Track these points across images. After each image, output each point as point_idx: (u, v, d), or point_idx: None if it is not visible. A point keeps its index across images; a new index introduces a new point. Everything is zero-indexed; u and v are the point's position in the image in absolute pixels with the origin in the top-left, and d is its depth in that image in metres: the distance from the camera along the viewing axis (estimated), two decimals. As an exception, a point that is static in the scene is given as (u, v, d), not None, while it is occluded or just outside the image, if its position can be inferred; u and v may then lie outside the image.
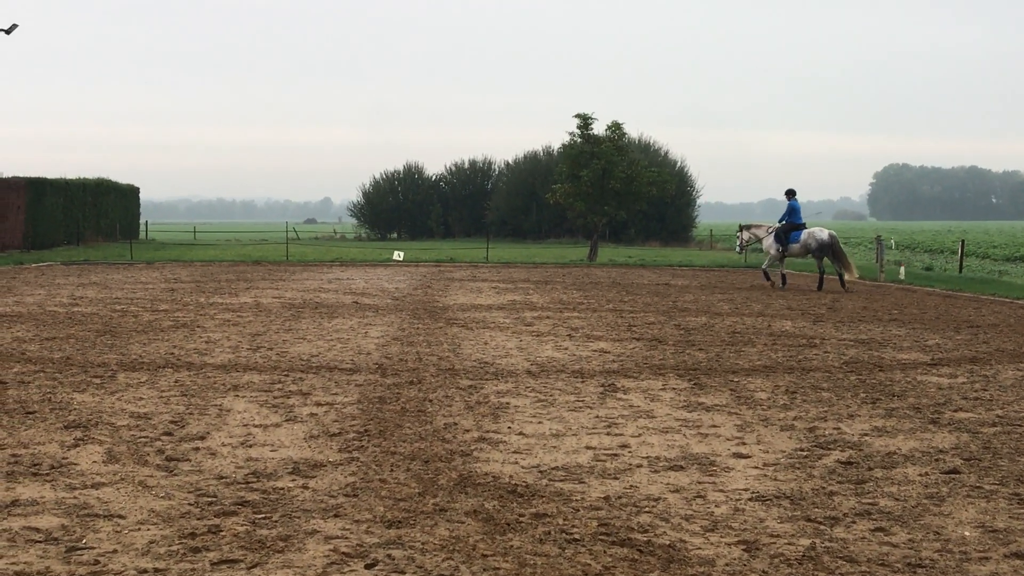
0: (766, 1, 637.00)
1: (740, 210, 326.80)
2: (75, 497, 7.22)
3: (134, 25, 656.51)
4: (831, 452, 8.83)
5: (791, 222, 28.88)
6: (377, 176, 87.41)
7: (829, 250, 28.44)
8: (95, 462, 8.23)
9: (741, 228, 31.30)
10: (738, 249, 31.36)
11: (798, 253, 29.02)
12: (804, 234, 28.66)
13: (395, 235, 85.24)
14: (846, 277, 28.41)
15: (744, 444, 9.10)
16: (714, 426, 9.87)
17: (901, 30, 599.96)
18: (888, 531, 6.69)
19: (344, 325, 18.17)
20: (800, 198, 29.87)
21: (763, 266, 30.11)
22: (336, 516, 6.83)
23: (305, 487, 7.54)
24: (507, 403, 10.87)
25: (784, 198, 29.32)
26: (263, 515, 6.84)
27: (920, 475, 8.10)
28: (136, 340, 15.85)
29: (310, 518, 6.79)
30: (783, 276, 29.36)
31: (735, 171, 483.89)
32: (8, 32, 35.63)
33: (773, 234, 29.27)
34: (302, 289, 26.87)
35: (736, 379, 12.64)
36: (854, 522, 6.85)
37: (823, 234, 28.58)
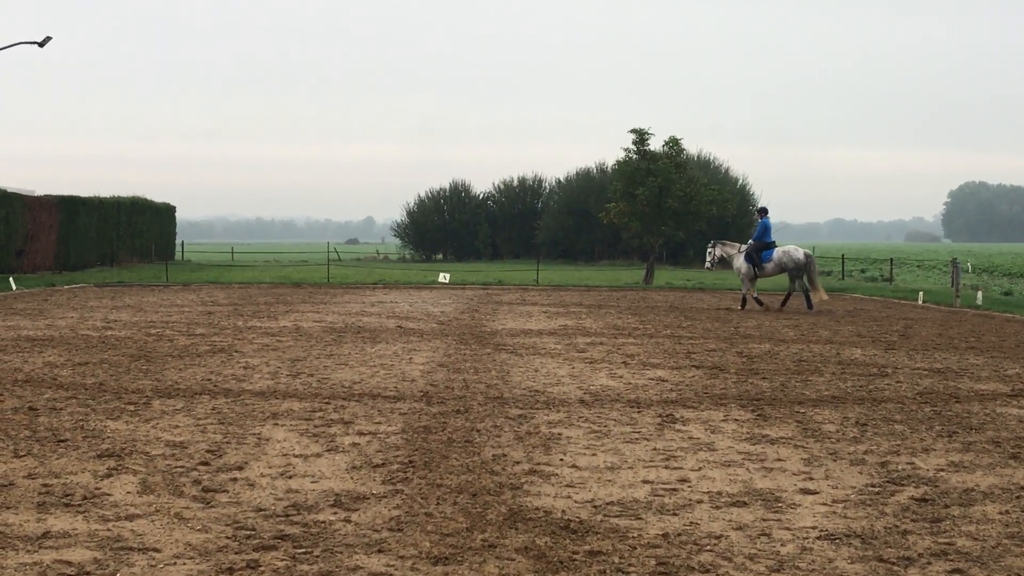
0: (832, 12, 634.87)
1: (806, 230, 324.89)
2: (108, 529, 7.29)
3: (170, 40, 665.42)
4: (904, 488, 8.73)
5: (762, 240, 29.49)
6: (422, 194, 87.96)
7: (805, 270, 29.16)
8: (129, 493, 8.31)
9: (713, 244, 31.55)
10: (707, 266, 31.58)
11: (772, 272, 29.69)
12: (778, 252, 29.32)
13: (440, 256, 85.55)
14: (813, 299, 29.11)
15: (811, 479, 9.02)
16: (779, 460, 9.79)
17: (977, 40, 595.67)
18: (966, 573, 6.60)
19: (387, 350, 18.25)
20: (870, 218, 30.33)
21: (744, 291, 30.39)
22: (380, 551, 6.85)
23: (347, 520, 7.56)
24: (559, 434, 10.85)
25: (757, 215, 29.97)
26: (303, 550, 6.87)
27: (1000, 513, 7.99)
28: (172, 365, 16.01)
29: (353, 553, 6.81)
30: (757, 298, 29.90)
31: (801, 189, 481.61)
32: (41, 45, 36.28)
33: (744, 254, 29.74)
34: (344, 313, 27.03)
35: (802, 410, 12.54)
36: (930, 563, 6.77)
37: (799, 254, 29.29)
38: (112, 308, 28.07)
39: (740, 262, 29.84)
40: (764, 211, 30.09)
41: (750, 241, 29.84)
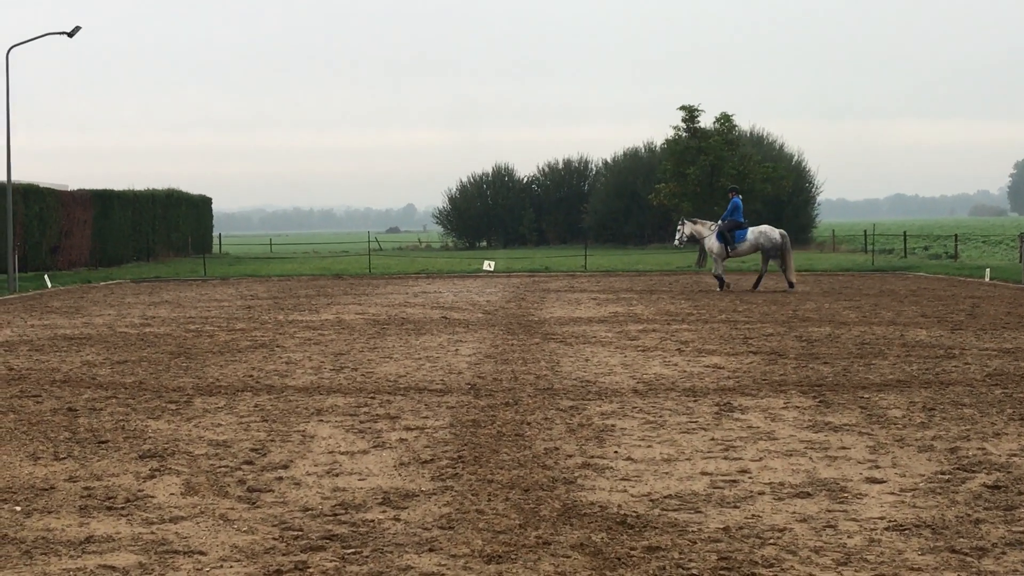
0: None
1: (865, 207, 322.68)
2: (153, 532, 7.37)
3: (203, 27, 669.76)
4: (976, 475, 8.66)
5: (733, 220, 29.95)
6: (464, 180, 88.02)
7: (780, 250, 29.64)
8: (173, 494, 8.39)
9: (683, 221, 31.78)
10: (676, 243, 32.05)
11: (745, 252, 30.34)
12: (753, 232, 29.86)
13: (484, 243, 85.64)
14: (791, 278, 29.81)
15: (878, 467, 8.96)
16: (843, 448, 9.74)
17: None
18: (1044, 563, 6.53)
19: (433, 342, 18.31)
20: (932, 192, 30.35)
21: (713, 271, 30.82)
22: (431, 550, 6.88)
23: (397, 519, 7.60)
24: (613, 425, 10.85)
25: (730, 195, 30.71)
26: (353, 550, 6.92)
27: (1079, 500, 7.90)
28: (212, 362, 16.15)
29: (403, 553, 6.85)
30: (719, 277, 30.37)
31: (859, 164, 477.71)
32: (71, 35, 36.59)
33: (716, 233, 30.08)
34: (386, 304, 27.14)
35: (866, 395, 12.46)
36: (1004, 553, 6.71)
37: (775, 233, 29.95)
38: (150, 304, 28.34)
39: (712, 241, 30.31)
40: (735, 190, 30.99)
41: (720, 220, 30.42)
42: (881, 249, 55.41)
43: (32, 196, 44.48)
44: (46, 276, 38.69)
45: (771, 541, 7.00)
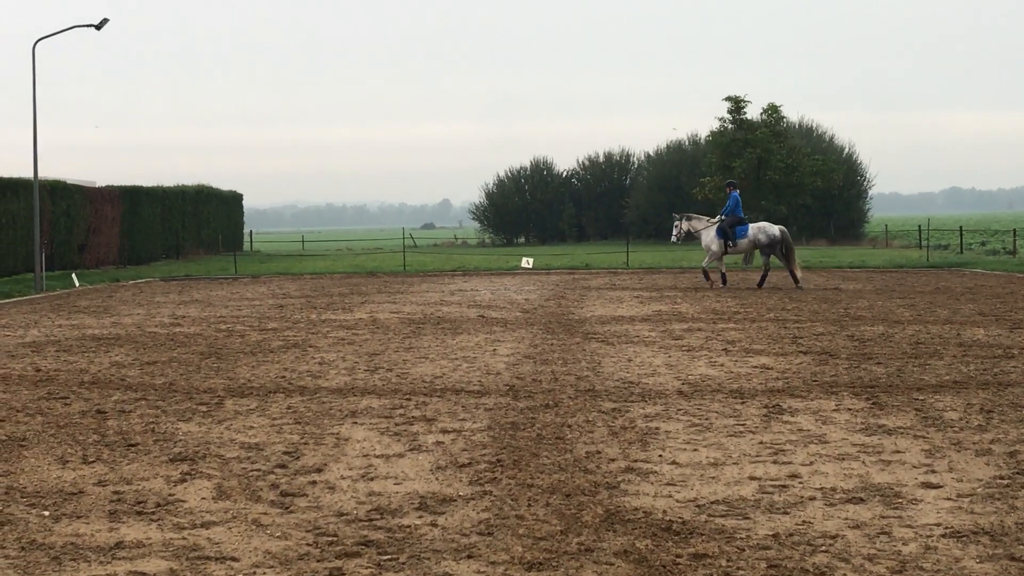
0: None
1: (919, 201, 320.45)
2: (184, 538, 7.41)
3: (233, 19, 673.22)
4: (1037, 480, 8.59)
5: (735, 215, 30.15)
6: (501, 174, 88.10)
7: (780, 246, 29.98)
8: (204, 499, 8.45)
9: (681, 218, 31.95)
10: (673, 239, 32.20)
11: (744, 249, 30.52)
12: (753, 228, 30.13)
13: (522, 239, 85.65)
14: (797, 274, 29.83)
15: (934, 472, 8.91)
16: (898, 452, 9.68)
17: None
18: (1109, 573, 6.47)
19: (470, 342, 18.33)
20: (990, 185, 30.09)
21: (703, 264, 31.29)
22: (469, 557, 6.89)
23: (434, 524, 7.61)
24: (657, 428, 10.83)
25: (727, 189, 31.17)
26: (389, 556, 6.94)
27: None
28: (244, 363, 16.23)
29: (441, 559, 6.86)
30: (723, 275, 30.62)
31: (913, 157, 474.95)
32: (99, 28, 36.87)
33: (715, 228, 30.30)
34: (422, 302, 27.19)
35: (921, 397, 12.38)
36: (1068, 562, 6.65)
37: (774, 229, 30.24)
38: (179, 303, 28.53)
39: (711, 237, 30.48)
40: (733, 184, 31.23)
41: (720, 216, 30.63)
42: (936, 245, 55.03)
43: (59, 193, 44.86)
44: (73, 275, 39.02)
45: (823, 548, 6.97)
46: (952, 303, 24.52)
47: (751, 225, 30.38)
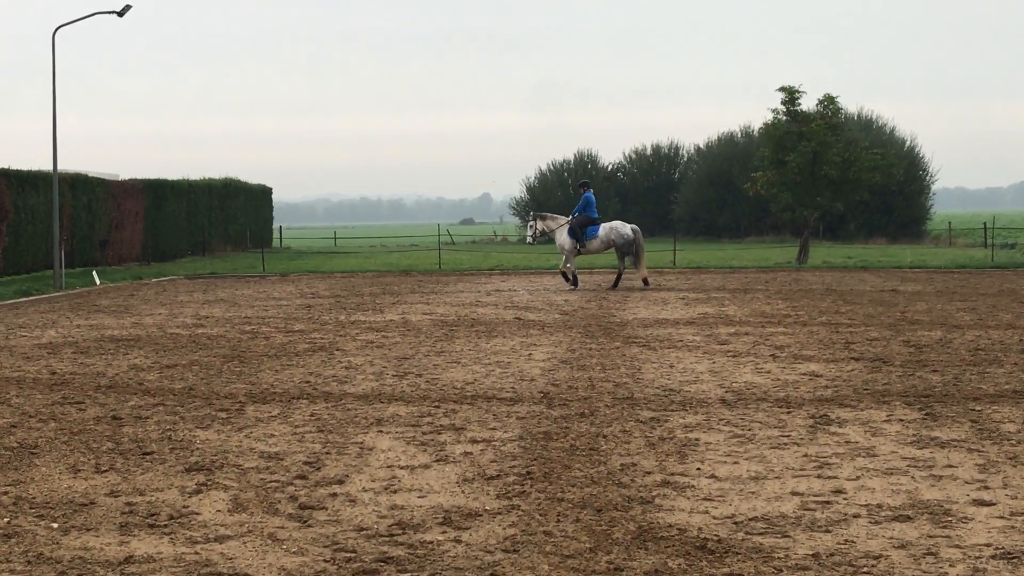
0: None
1: (987, 196, 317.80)
2: (196, 553, 7.48)
3: (262, 6, 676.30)
4: (1097, 499, 8.52)
5: (586, 215, 31.38)
6: (543, 167, 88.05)
7: (632, 246, 31.26)
8: (219, 511, 8.52)
9: (534, 217, 32.99)
10: (528, 240, 33.61)
11: (597, 249, 31.72)
12: (604, 228, 31.37)
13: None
14: (646, 275, 31.54)
15: (987, 488, 8.86)
16: (950, 466, 9.64)
17: None
18: None
19: (504, 346, 18.37)
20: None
21: (561, 267, 32.36)
22: (492, 575, 6.92)
23: (457, 541, 7.65)
24: (696, 439, 10.83)
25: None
26: (409, 574, 6.97)
27: None
28: (267, 367, 16.34)
29: (462, 578, 6.89)
30: (574, 275, 31.63)
31: (980, 150, 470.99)
32: (121, 15, 37.15)
33: (567, 228, 31.37)
34: (456, 303, 27.26)
35: (978, 407, 12.31)
36: (1125, 587, 6.60)
37: (626, 229, 31.56)
38: (203, 303, 28.72)
39: (564, 237, 31.54)
40: (587, 184, 32.80)
41: (572, 214, 31.78)
42: (1002, 243, 54.55)
43: (80, 186, 45.21)
44: (94, 272, 39.35)
45: (864, 569, 6.95)
46: (1016, 306, 24.34)
47: (603, 225, 31.61)
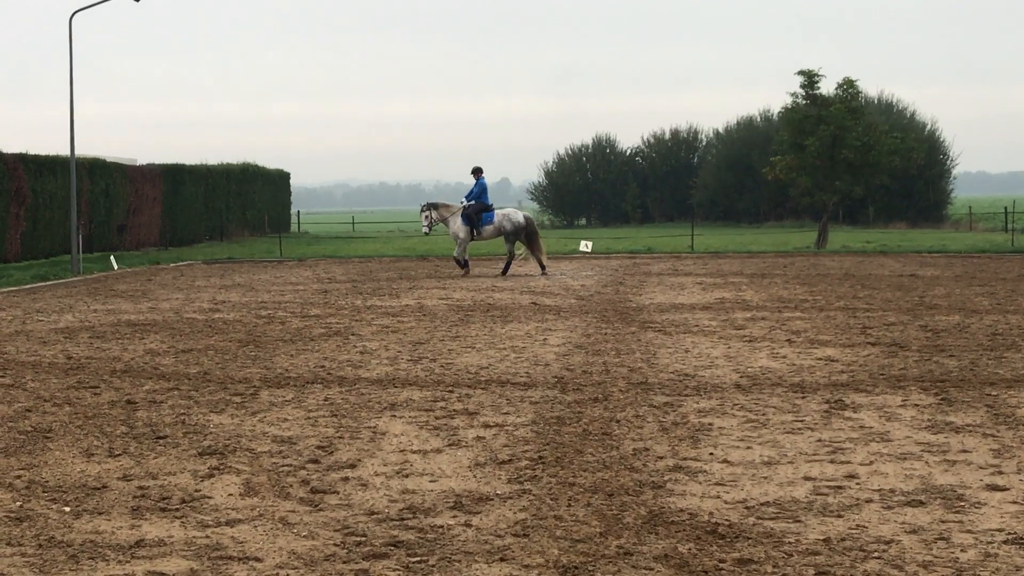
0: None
1: (1008, 180, 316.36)
2: (207, 536, 7.51)
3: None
4: (1112, 484, 8.50)
5: (481, 202, 31.91)
6: (561, 152, 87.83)
7: (523, 233, 31.80)
8: (231, 495, 8.55)
9: (428, 207, 33.35)
10: (424, 230, 33.95)
11: (489, 236, 32.19)
12: (498, 215, 31.90)
13: (583, 221, 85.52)
14: (543, 261, 31.78)
15: (1001, 473, 8.84)
16: (964, 451, 9.62)
17: None
18: None
19: (519, 330, 18.38)
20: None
21: (455, 253, 32.61)
22: (502, 560, 6.93)
23: (468, 525, 7.67)
24: (710, 424, 10.82)
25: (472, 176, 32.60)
26: (418, 558, 6.99)
27: None
28: (282, 351, 16.38)
29: (472, 562, 6.91)
30: (465, 262, 32.15)
31: (1001, 134, 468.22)
32: None
33: (462, 215, 31.86)
34: (472, 288, 27.28)
35: (994, 392, 12.28)
36: None
37: (518, 216, 32.27)
38: (220, 288, 28.79)
39: (458, 224, 31.99)
40: (479, 171, 32.63)
41: (462, 201, 32.39)
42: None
43: (98, 171, 45.32)
44: (112, 257, 39.46)
45: (875, 555, 6.94)
46: (1036, 291, 24.23)
47: (496, 212, 32.10)
